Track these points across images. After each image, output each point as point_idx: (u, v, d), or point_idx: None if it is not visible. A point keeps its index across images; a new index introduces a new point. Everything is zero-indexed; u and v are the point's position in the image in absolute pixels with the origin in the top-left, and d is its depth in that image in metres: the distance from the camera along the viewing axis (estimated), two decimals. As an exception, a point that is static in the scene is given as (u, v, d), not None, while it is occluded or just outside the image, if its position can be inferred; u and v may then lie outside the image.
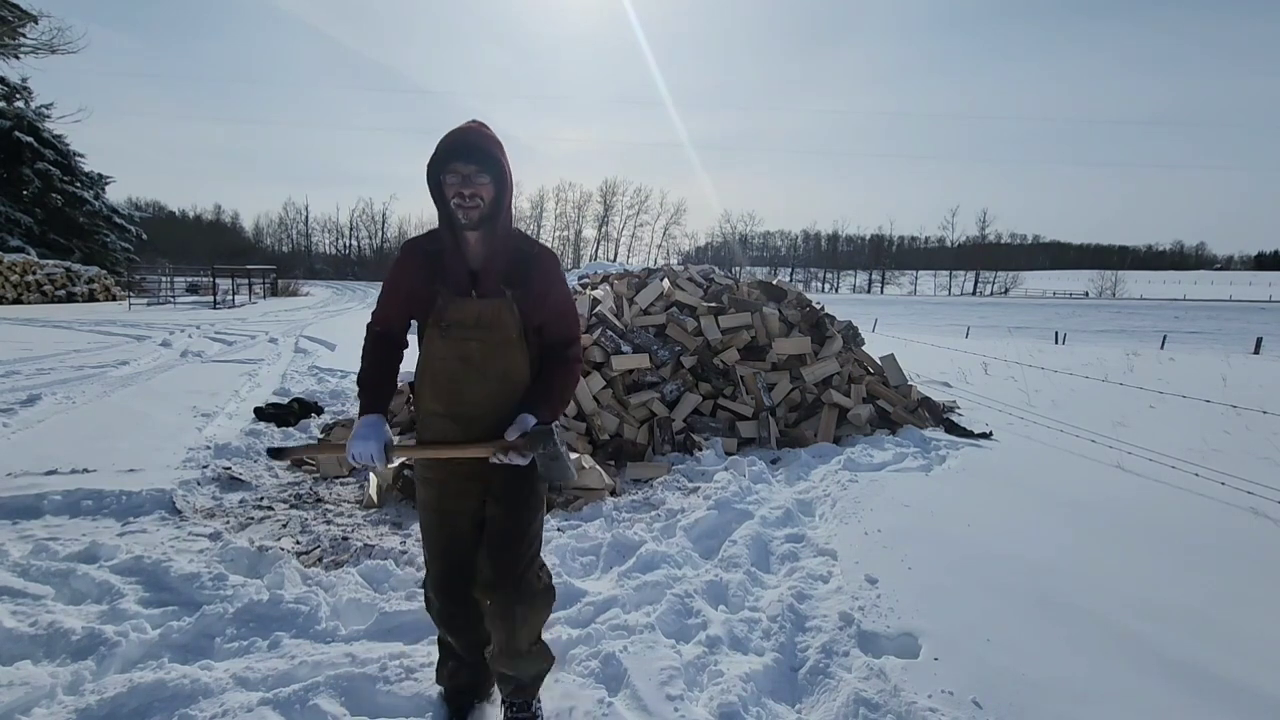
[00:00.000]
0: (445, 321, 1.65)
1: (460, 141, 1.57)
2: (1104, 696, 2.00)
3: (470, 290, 1.66)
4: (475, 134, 1.59)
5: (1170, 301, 58.10)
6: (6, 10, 21.24)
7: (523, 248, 1.71)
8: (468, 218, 1.58)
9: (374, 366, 1.77)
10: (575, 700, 1.98)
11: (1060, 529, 3.35)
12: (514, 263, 1.68)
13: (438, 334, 1.67)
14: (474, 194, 1.57)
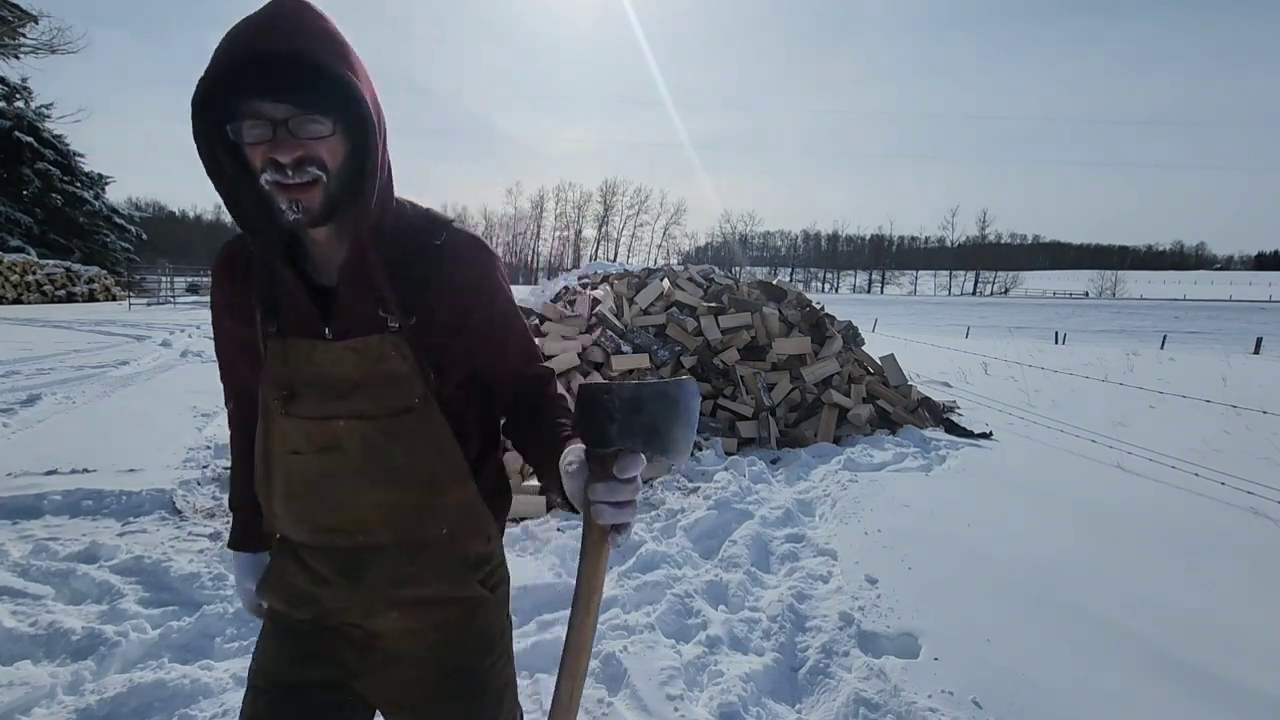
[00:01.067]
0: (283, 386, 0.92)
1: (261, 52, 0.75)
2: (1104, 696, 2.00)
3: (321, 327, 0.89)
4: (290, 29, 0.76)
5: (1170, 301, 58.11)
6: (6, 10, 21.24)
7: (421, 237, 0.92)
8: (298, 208, 0.81)
9: (239, 477, 1.10)
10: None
11: (1060, 529, 3.35)
12: (404, 266, 0.90)
13: (278, 408, 0.93)
14: (302, 159, 0.79)
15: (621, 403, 0.71)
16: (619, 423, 0.72)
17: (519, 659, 2.18)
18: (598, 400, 0.73)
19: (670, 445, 0.73)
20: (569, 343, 4.98)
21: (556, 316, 5.42)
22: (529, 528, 3.27)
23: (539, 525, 3.32)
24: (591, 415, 0.73)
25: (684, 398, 0.74)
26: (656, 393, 0.72)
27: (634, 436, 0.72)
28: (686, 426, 0.74)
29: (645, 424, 0.72)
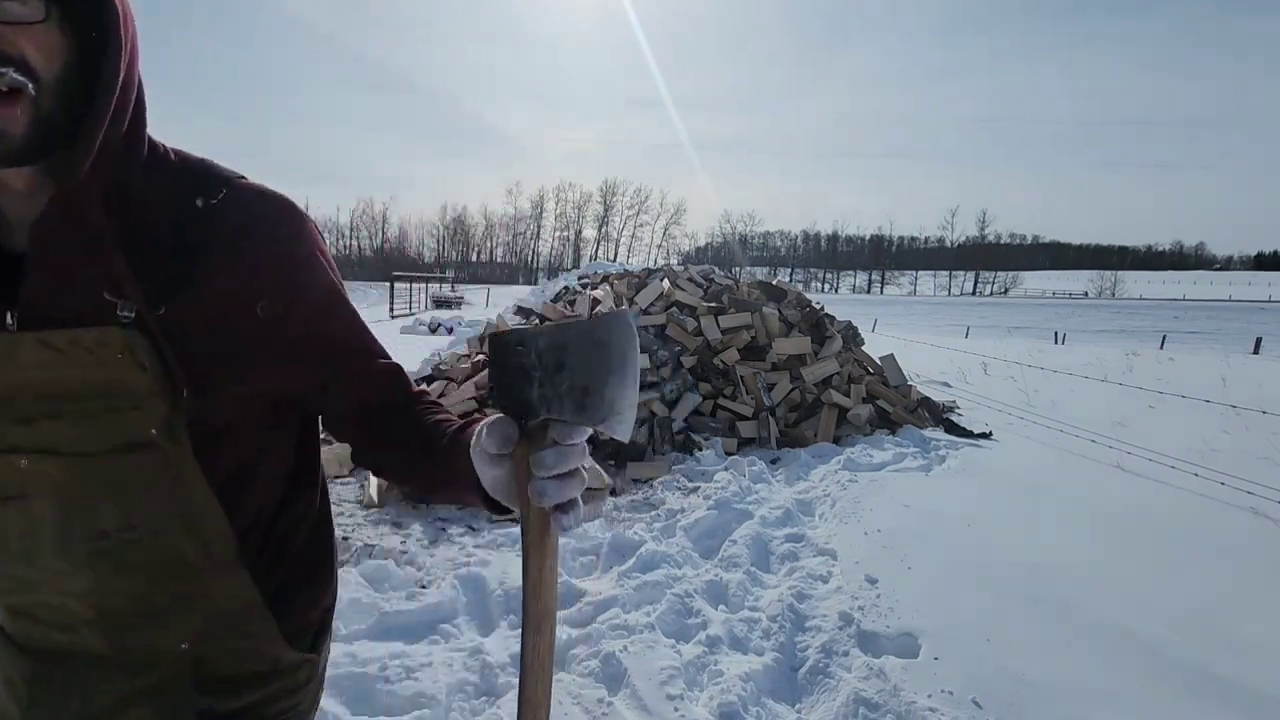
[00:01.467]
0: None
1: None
2: (1104, 696, 2.01)
3: (5, 312, 0.60)
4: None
5: (1170, 301, 58.18)
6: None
7: (187, 195, 0.66)
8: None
9: None
10: (575, 700, 1.98)
11: (1060, 529, 3.35)
12: (154, 232, 0.64)
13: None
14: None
15: (539, 356, 0.54)
16: (540, 384, 0.54)
17: (515, 660, 2.19)
18: (509, 354, 0.54)
19: (607, 410, 0.55)
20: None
21: (556, 316, 5.42)
22: (529, 528, 3.27)
23: (539, 525, 3.32)
24: (506, 376, 0.55)
25: (615, 340, 0.55)
26: (580, 336, 0.54)
27: (561, 402, 0.54)
28: (623, 381, 0.56)
29: (573, 384, 0.54)
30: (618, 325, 0.56)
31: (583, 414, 0.55)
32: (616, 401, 0.56)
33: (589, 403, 0.55)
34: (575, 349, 0.54)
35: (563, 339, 0.54)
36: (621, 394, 0.56)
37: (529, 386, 0.54)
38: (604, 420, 0.56)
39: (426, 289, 27.05)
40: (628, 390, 0.57)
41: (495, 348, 0.56)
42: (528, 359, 0.54)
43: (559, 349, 0.54)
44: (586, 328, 0.55)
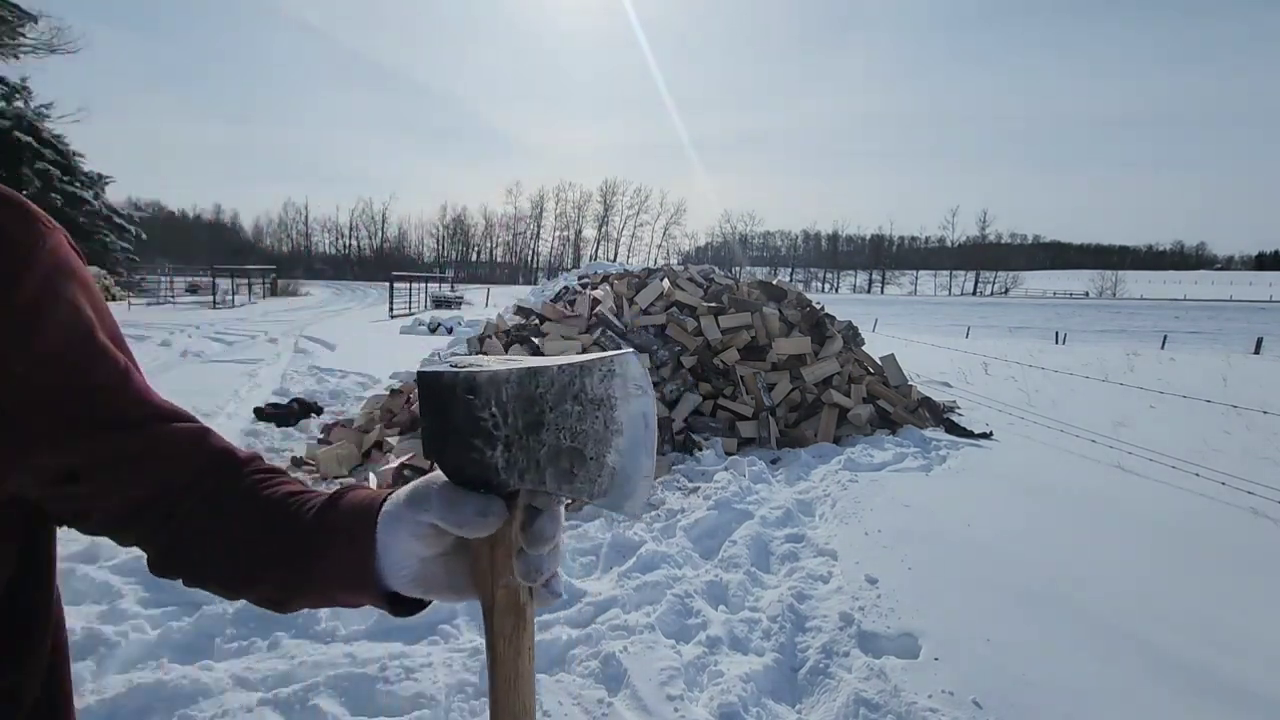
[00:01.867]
0: None
1: None
2: (1104, 696, 2.00)
3: None
4: None
5: (1170, 301, 58.16)
6: (6, 10, 21.24)
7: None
8: None
9: None
10: (575, 700, 1.98)
11: (1060, 529, 3.34)
12: None
13: None
14: None
15: (500, 410, 0.41)
16: (506, 446, 0.41)
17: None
18: (453, 404, 0.41)
19: (611, 484, 0.43)
20: (569, 342, 4.98)
21: (557, 316, 5.42)
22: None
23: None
24: (451, 432, 0.42)
25: (617, 392, 0.42)
26: (563, 389, 0.41)
27: (539, 472, 0.41)
28: (634, 446, 0.43)
29: (557, 448, 0.41)
30: (621, 372, 0.42)
31: (572, 486, 0.42)
32: (626, 473, 0.43)
33: (583, 474, 0.42)
34: (557, 403, 0.41)
35: (535, 389, 0.41)
36: (634, 463, 0.43)
37: (489, 449, 0.41)
38: (605, 495, 0.43)
39: (426, 289, 27.07)
40: (641, 458, 0.43)
41: (430, 392, 0.42)
42: (483, 413, 0.41)
43: (531, 403, 0.41)
44: (570, 376, 0.41)
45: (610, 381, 0.42)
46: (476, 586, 0.46)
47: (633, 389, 0.43)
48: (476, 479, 0.43)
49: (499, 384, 0.41)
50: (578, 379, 0.41)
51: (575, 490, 0.43)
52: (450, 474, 0.44)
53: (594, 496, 0.43)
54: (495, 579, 0.44)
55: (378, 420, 5.02)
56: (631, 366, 0.43)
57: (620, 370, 0.42)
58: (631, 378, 0.43)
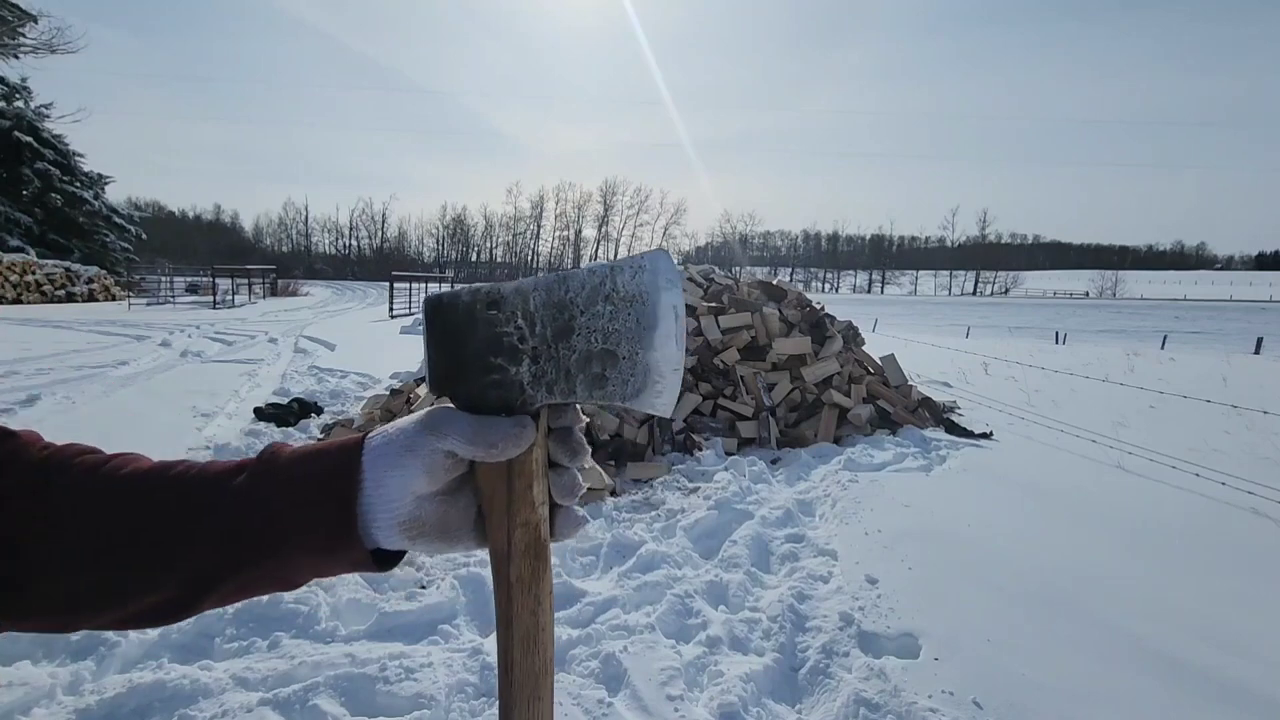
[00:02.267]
0: None
1: None
2: (1104, 697, 2.00)
3: None
4: None
5: (1170, 301, 58.16)
6: (6, 10, 21.23)
7: None
8: None
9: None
10: (575, 701, 1.97)
11: (1061, 529, 3.34)
12: None
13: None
14: None
15: (528, 321, 0.40)
16: (533, 359, 0.40)
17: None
18: (473, 324, 0.40)
19: (645, 380, 0.41)
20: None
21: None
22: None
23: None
24: (470, 355, 0.41)
25: (648, 289, 0.41)
26: (593, 291, 0.41)
27: (569, 380, 0.41)
28: (666, 338, 0.41)
29: (588, 353, 0.41)
30: (652, 267, 0.41)
31: (604, 390, 0.41)
32: (659, 368, 0.41)
33: (615, 375, 0.41)
34: (588, 305, 0.41)
35: (565, 294, 0.41)
36: (666, 355, 0.42)
37: (514, 365, 0.40)
38: (639, 394, 0.42)
39: (426, 289, 27.07)
40: (673, 348, 0.42)
41: (443, 318, 0.41)
42: (508, 327, 0.40)
43: (561, 309, 0.40)
44: (600, 277, 0.41)
45: (642, 276, 0.41)
46: (489, 529, 0.43)
47: (663, 282, 0.41)
48: (496, 404, 0.41)
49: (526, 294, 0.41)
50: (609, 279, 0.41)
51: (607, 394, 0.42)
52: (466, 406, 0.42)
53: (626, 398, 0.42)
54: (513, 516, 0.41)
55: (378, 420, 5.02)
56: (663, 261, 0.42)
57: (651, 265, 0.41)
58: (663, 271, 0.42)
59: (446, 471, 0.42)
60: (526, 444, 0.41)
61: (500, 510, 0.42)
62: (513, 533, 0.42)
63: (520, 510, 0.42)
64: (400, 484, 0.41)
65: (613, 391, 0.41)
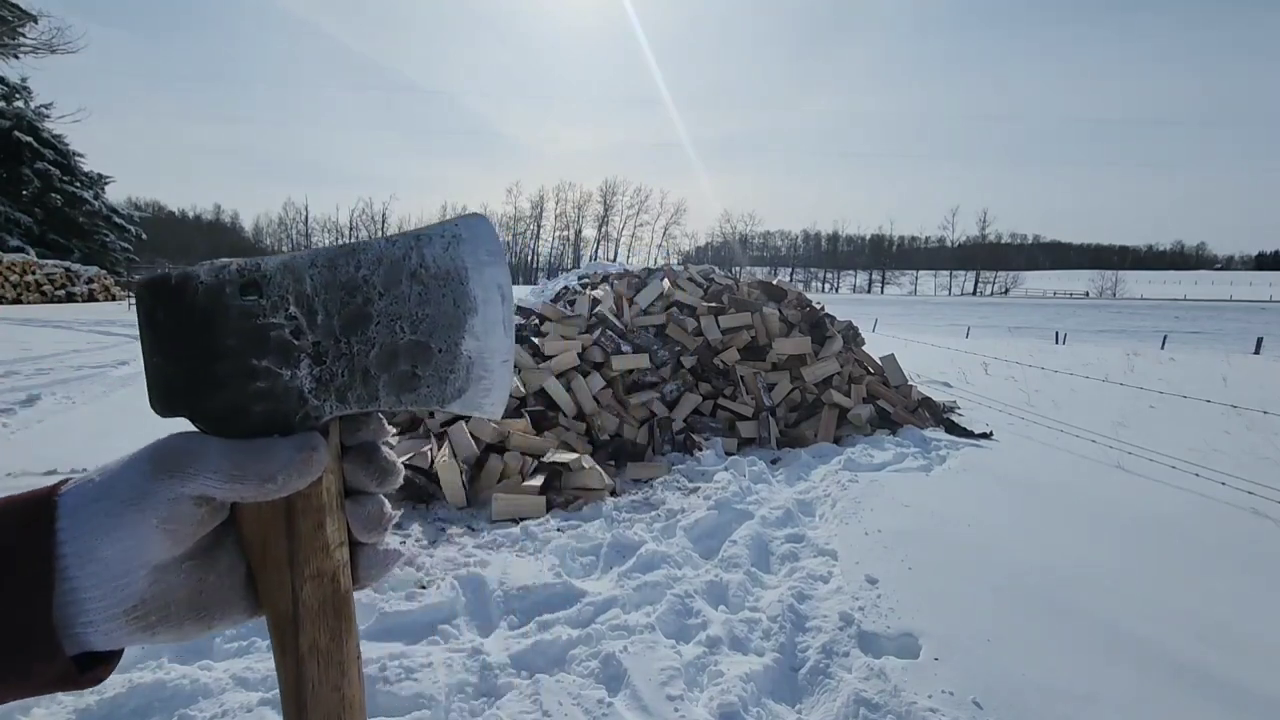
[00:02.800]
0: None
1: None
2: (1105, 697, 2.00)
3: None
4: None
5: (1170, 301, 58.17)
6: (6, 10, 21.23)
7: None
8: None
9: None
10: (575, 700, 1.97)
11: (1061, 529, 3.34)
12: None
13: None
14: None
15: (305, 307, 0.31)
16: (316, 357, 0.31)
17: (520, 659, 2.18)
18: (222, 312, 0.30)
19: (467, 376, 0.34)
20: (569, 342, 4.98)
21: (556, 316, 5.42)
22: (529, 528, 3.27)
23: (539, 525, 3.31)
24: (217, 359, 0.30)
25: (466, 261, 0.34)
26: (393, 266, 0.32)
27: (370, 381, 0.32)
28: (488, 324, 0.34)
29: (391, 346, 0.33)
30: (470, 236, 0.34)
31: (416, 394, 0.33)
32: (484, 361, 0.34)
33: (430, 374, 0.33)
34: (389, 286, 0.32)
35: (355, 271, 0.32)
36: (492, 345, 0.34)
37: (286, 369, 0.31)
38: (462, 394, 0.34)
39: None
40: (499, 337, 0.35)
41: (173, 306, 0.30)
42: (276, 316, 0.30)
43: (352, 291, 0.31)
44: (404, 249, 0.33)
45: (458, 248, 0.33)
46: (265, 591, 0.32)
47: (484, 255, 0.34)
48: (264, 421, 0.31)
49: (299, 272, 0.31)
50: (413, 251, 0.33)
51: (421, 398, 0.33)
52: (217, 427, 0.31)
53: (446, 400, 0.34)
54: (299, 569, 0.32)
55: (378, 420, 5.01)
56: (483, 227, 0.35)
57: (469, 234, 0.34)
58: (482, 242, 0.34)
59: (197, 525, 0.30)
60: (318, 471, 0.31)
61: (279, 563, 0.32)
62: (299, 590, 0.32)
63: (309, 559, 0.32)
64: (124, 554, 0.29)
65: (428, 394, 0.33)
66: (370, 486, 0.35)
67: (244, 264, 0.30)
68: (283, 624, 0.33)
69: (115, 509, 0.29)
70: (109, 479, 0.30)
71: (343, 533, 0.35)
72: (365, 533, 0.35)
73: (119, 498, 0.29)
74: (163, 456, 0.30)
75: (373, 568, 0.37)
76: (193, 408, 0.31)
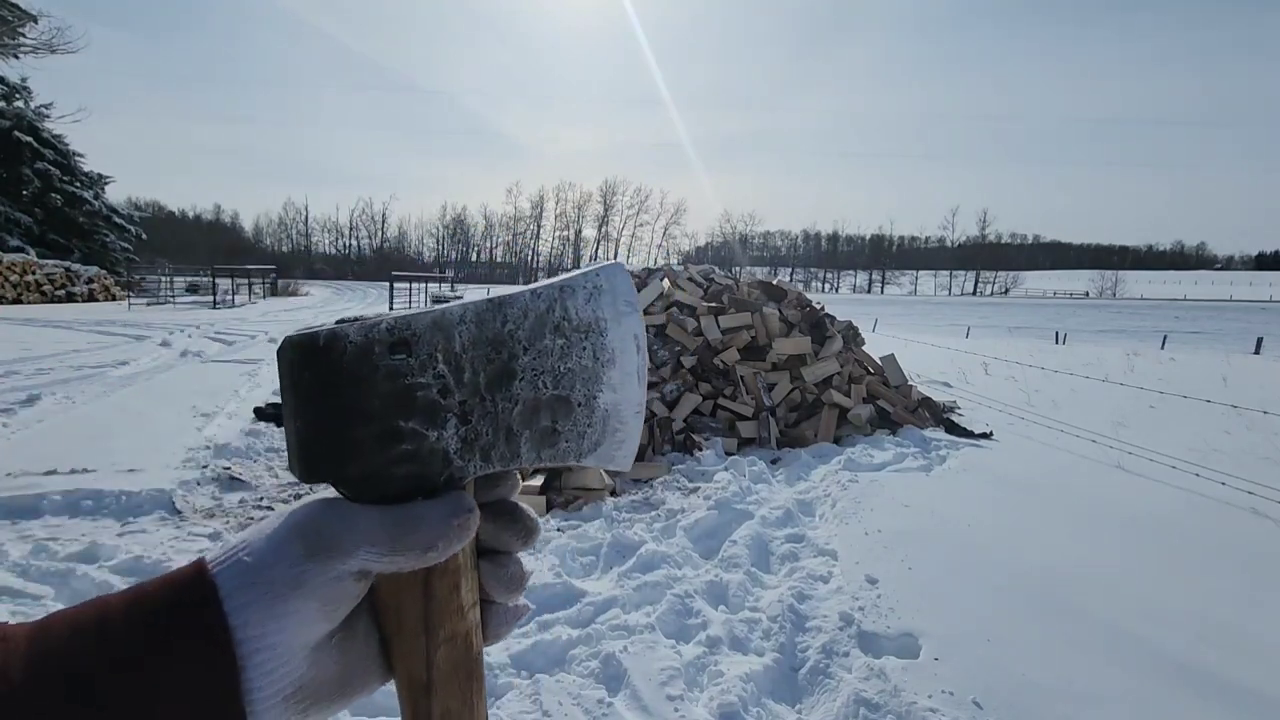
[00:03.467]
0: None
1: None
2: (1105, 697, 2.00)
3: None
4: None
5: (1170, 301, 58.18)
6: (6, 10, 21.23)
7: None
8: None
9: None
10: (575, 700, 1.97)
11: (1061, 529, 3.34)
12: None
13: None
14: None
15: (453, 365, 0.30)
16: (463, 416, 0.30)
17: (520, 659, 2.18)
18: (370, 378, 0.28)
19: (604, 430, 0.34)
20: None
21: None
22: (529, 528, 3.27)
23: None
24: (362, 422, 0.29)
25: (605, 310, 0.34)
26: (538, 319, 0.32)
27: (513, 439, 0.32)
28: (626, 376, 0.34)
29: (535, 401, 0.32)
30: (609, 287, 0.34)
31: (555, 449, 0.32)
32: (620, 413, 0.34)
33: (569, 428, 0.32)
34: (533, 340, 0.31)
35: (502, 327, 0.31)
36: (628, 397, 0.34)
37: (433, 429, 0.29)
38: (597, 448, 0.34)
39: (426, 289, 27.07)
40: (634, 389, 0.34)
41: (321, 368, 0.28)
42: (423, 377, 0.29)
43: (498, 346, 0.31)
44: (548, 301, 0.32)
45: (599, 300, 0.33)
46: (398, 657, 0.32)
47: (623, 306, 0.34)
48: (407, 485, 0.29)
49: (448, 329, 0.29)
50: (557, 304, 0.32)
51: (560, 453, 0.32)
52: (360, 490, 0.29)
53: (583, 454, 0.33)
54: (435, 634, 0.31)
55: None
56: (620, 278, 0.35)
57: (609, 285, 0.34)
58: (621, 292, 0.34)
59: (352, 600, 0.29)
60: (472, 533, 0.30)
61: (415, 628, 0.31)
62: (434, 654, 0.31)
63: (444, 622, 0.31)
64: (288, 640, 0.28)
65: (566, 449, 0.33)
66: (513, 546, 0.34)
67: (394, 322, 0.29)
68: (415, 690, 0.32)
69: (280, 593, 0.27)
70: (260, 559, 0.28)
71: (475, 593, 0.33)
72: (505, 594, 0.34)
73: (280, 581, 0.28)
74: (315, 534, 0.29)
75: (501, 626, 0.35)
76: (335, 473, 0.30)
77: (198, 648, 0.26)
